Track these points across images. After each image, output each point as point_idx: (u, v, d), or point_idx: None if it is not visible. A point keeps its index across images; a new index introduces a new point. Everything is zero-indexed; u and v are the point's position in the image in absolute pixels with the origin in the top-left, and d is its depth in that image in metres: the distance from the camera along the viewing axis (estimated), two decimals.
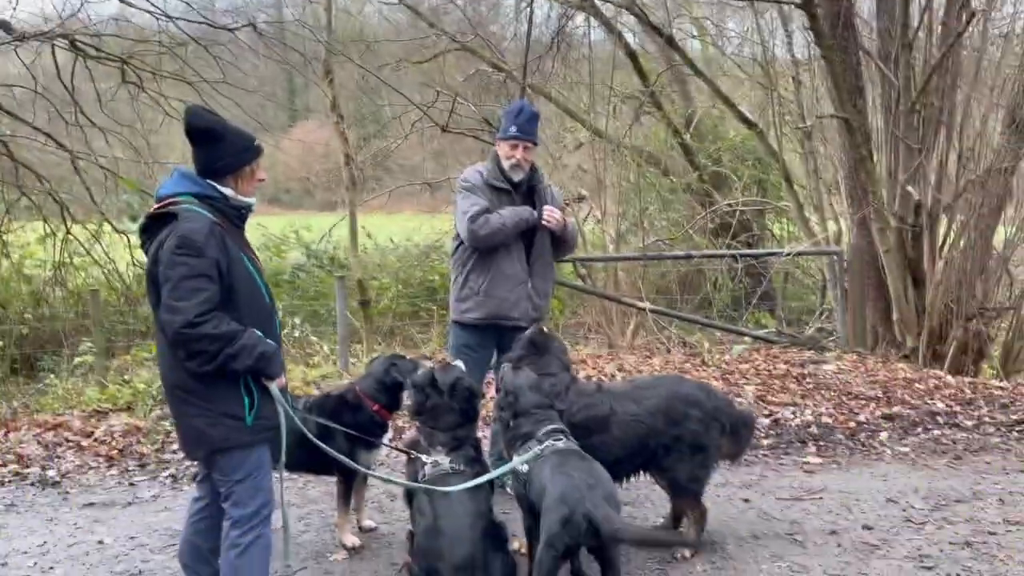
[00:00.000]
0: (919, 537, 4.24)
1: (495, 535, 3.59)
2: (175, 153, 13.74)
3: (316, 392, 6.22)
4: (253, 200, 3.28)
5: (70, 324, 10.47)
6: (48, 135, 10.37)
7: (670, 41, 11.01)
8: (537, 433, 3.66)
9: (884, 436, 6.08)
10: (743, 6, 12.67)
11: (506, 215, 4.58)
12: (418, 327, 11.20)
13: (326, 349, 9.20)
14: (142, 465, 5.91)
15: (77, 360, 8.70)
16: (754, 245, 12.78)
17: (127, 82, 10.49)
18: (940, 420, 6.43)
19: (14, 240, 11.15)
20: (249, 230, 3.42)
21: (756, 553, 4.09)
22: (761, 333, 9.58)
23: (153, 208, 3.13)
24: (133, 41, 10.70)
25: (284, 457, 3.22)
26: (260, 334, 3.09)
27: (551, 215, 4.61)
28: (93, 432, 6.47)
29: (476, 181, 4.73)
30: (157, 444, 6.20)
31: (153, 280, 3.06)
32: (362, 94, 15.24)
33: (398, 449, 4.11)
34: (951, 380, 7.50)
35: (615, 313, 9.75)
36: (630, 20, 12.13)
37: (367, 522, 4.56)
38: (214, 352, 2.96)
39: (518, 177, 4.68)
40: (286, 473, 3.47)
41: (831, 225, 10.92)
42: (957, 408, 6.70)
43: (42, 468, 5.86)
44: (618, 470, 4.02)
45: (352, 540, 4.29)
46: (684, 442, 4.04)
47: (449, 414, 3.83)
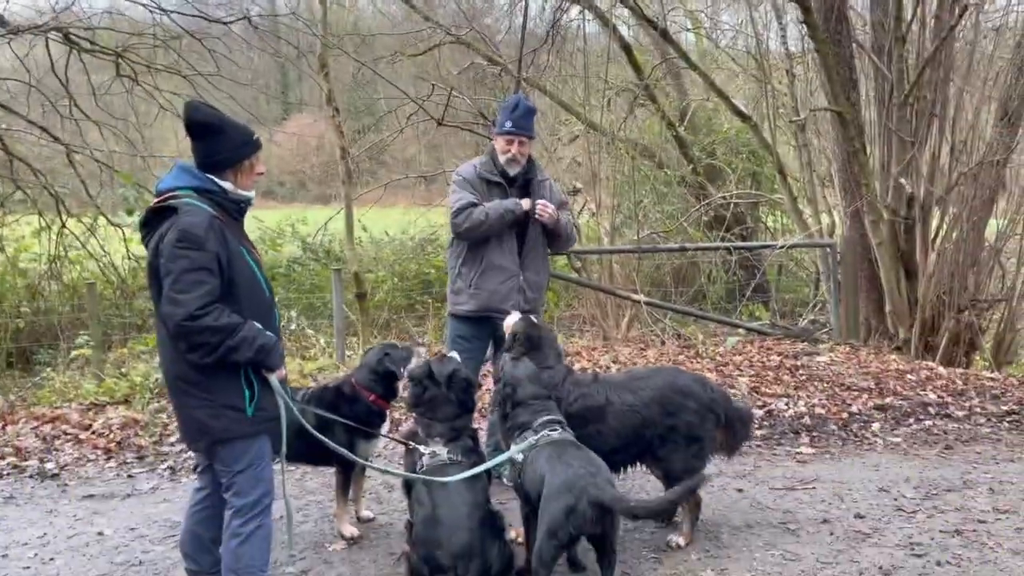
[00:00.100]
0: (910, 525, 4.31)
1: (492, 524, 3.63)
2: (169, 146, 13.75)
3: (313, 384, 6.25)
4: (252, 194, 3.32)
5: (66, 318, 10.47)
6: (43, 128, 10.35)
7: (664, 34, 11.04)
8: (533, 423, 3.70)
9: (876, 427, 6.14)
10: None
11: (489, 208, 4.60)
12: (414, 320, 11.24)
13: (322, 342, 9.22)
14: (140, 457, 5.94)
15: (74, 353, 8.71)
16: (748, 238, 12.85)
17: (121, 75, 10.47)
18: (932, 411, 6.50)
19: (9, 234, 11.13)
20: (246, 223, 3.45)
21: (749, 541, 4.14)
22: (755, 325, 9.64)
23: (153, 202, 3.16)
24: (127, 34, 10.67)
25: (285, 448, 3.25)
26: (260, 326, 3.12)
27: (543, 209, 4.63)
28: (91, 425, 6.51)
29: (468, 175, 4.76)
30: (155, 437, 6.23)
31: (154, 273, 3.09)
32: (357, 87, 15.23)
33: (396, 440, 4.15)
34: (943, 371, 7.57)
35: (610, 306, 9.79)
36: (624, 13, 12.16)
37: (365, 512, 4.60)
38: (215, 344, 2.99)
39: (514, 171, 4.72)
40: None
41: (824, 218, 10.96)
42: (948, 399, 6.77)
43: (40, 461, 5.88)
44: (614, 460, 4.06)
45: (351, 530, 4.33)
46: (679, 433, 4.08)
47: (446, 405, 3.88)
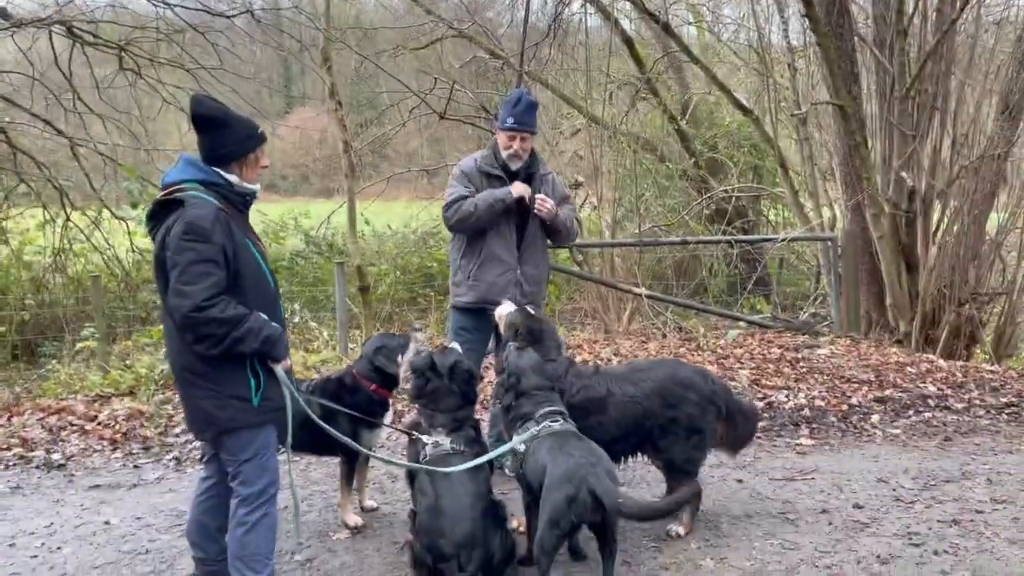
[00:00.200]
0: (908, 515, 4.35)
1: (494, 514, 3.67)
2: (172, 140, 13.79)
3: (316, 376, 6.30)
4: (257, 187, 3.36)
5: (70, 310, 10.51)
6: (47, 121, 10.39)
7: (666, 28, 11.04)
8: (535, 414, 3.74)
9: (876, 418, 6.19)
10: None
11: (479, 199, 4.62)
12: (416, 313, 11.28)
13: (325, 335, 9.26)
14: (146, 448, 6.00)
15: (79, 345, 8.76)
16: (749, 231, 12.88)
17: (124, 69, 10.49)
18: (931, 403, 6.54)
19: (13, 227, 11.19)
20: (250, 216, 3.49)
21: (749, 531, 4.19)
22: (756, 318, 9.68)
23: (160, 195, 3.19)
24: (130, 28, 10.68)
25: (291, 438, 3.29)
26: (265, 317, 3.16)
27: (542, 204, 4.64)
28: (97, 416, 6.56)
29: (466, 168, 4.80)
30: (160, 428, 6.29)
31: (161, 265, 3.12)
32: (359, 81, 15.24)
33: (400, 430, 4.20)
34: (943, 364, 7.60)
35: (611, 299, 9.82)
36: (626, 7, 12.17)
37: (369, 502, 4.65)
38: (221, 335, 3.03)
39: (516, 166, 4.74)
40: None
41: (826, 211, 10.98)
42: (948, 391, 6.81)
43: (47, 451, 5.94)
44: (615, 450, 4.10)
45: (355, 520, 4.38)
46: (680, 424, 4.12)
47: (449, 396, 3.92)
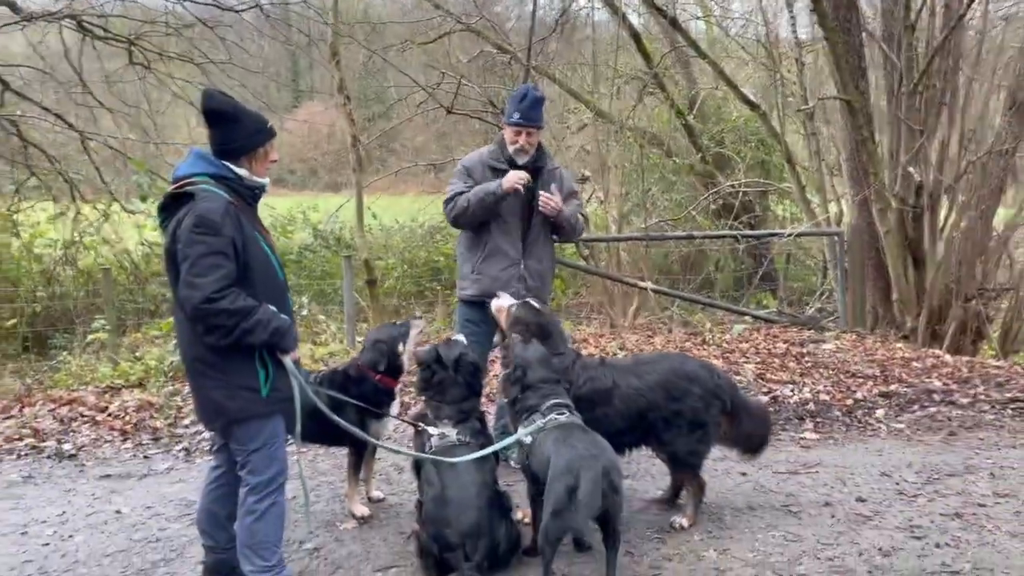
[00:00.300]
0: (911, 509, 4.37)
1: (499, 504, 3.73)
2: (181, 133, 13.86)
3: (324, 368, 6.35)
4: (266, 180, 3.40)
5: (81, 303, 10.61)
6: (57, 115, 10.47)
7: (673, 22, 11.04)
8: (542, 407, 3.77)
9: (880, 413, 6.20)
10: None
11: (471, 193, 4.64)
12: (423, 306, 11.33)
13: (333, 328, 9.32)
14: (156, 439, 6.07)
15: (90, 337, 8.84)
16: (756, 226, 12.86)
17: (134, 63, 10.57)
18: (936, 398, 6.54)
19: (24, 219, 11.27)
20: (258, 210, 3.53)
21: (752, 523, 4.22)
22: (762, 313, 9.69)
23: (171, 188, 3.24)
24: (140, 22, 10.76)
25: (299, 428, 3.34)
26: (274, 309, 3.21)
27: (547, 201, 4.64)
28: (107, 407, 6.64)
29: (469, 163, 4.83)
30: (170, 419, 6.36)
31: (172, 258, 3.17)
32: (367, 75, 15.28)
33: (406, 421, 4.24)
34: (949, 359, 7.60)
35: (617, 293, 9.86)
36: (634, 1, 12.17)
37: (375, 493, 4.70)
38: (231, 327, 3.08)
39: (522, 160, 4.76)
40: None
41: (833, 206, 10.99)
42: (953, 386, 6.81)
43: (58, 442, 6.02)
44: (620, 442, 4.13)
45: (361, 510, 4.43)
46: (684, 417, 4.15)
47: (454, 388, 3.97)
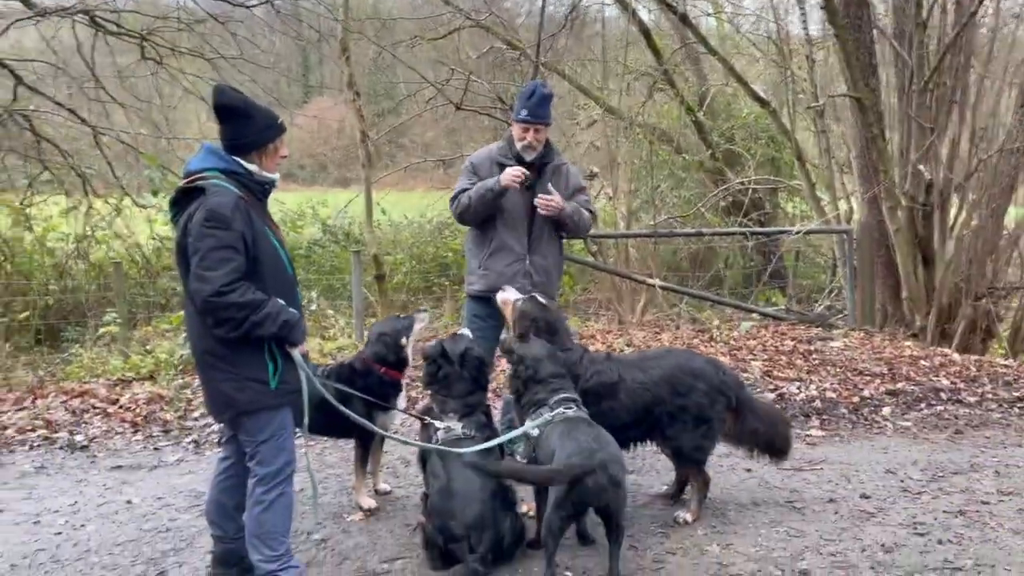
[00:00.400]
0: (914, 506, 4.38)
1: (504, 497, 3.77)
2: (192, 128, 13.95)
3: (331, 362, 6.41)
4: (276, 176, 3.44)
5: (92, 296, 10.70)
6: (70, 110, 10.56)
7: (684, 19, 11.02)
8: (549, 401, 3.81)
9: (887, 411, 6.20)
10: None
11: (472, 190, 4.69)
12: (432, 301, 11.38)
13: (342, 323, 9.38)
14: (166, 431, 6.14)
15: (101, 331, 8.93)
16: (766, 223, 12.84)
17: (146, 58, 10.64)
18: (943, 396, 6.54)
19: (37, 213, 11.37)
20: (268, 205, 3.57)
21: (755, 518, 4.24)
22: (770, 310, 9.69)
23: (182, 182, 3.29)
24: (152, 17, 10.82)
25: (308, 420, 3.38)
26: (283, 303, 3.25)
27: (547, 204, 4.64)
28: (118, 400, 6.72)
29: (476, 160, 4.87)
30: (180, 412, 6.43)
31: (183, 251, 3.22)
32: (377, 71, 15.32)
33: (412, 415, 4.28)
34: (957, 358, 7.59)
35: (625, 290, 9.87)
36: None
37: (382, 485, 4.74)
38: (240, 319, 3.12)
39: (530, 157, 4.78)
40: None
41: (842, 204, 10.96)
42: (961, 385, 6.80)
43: (70, 433, 6.10)
44: (626, 436, 4.18)
45: (368, 502, 4.47)
46: (688, 413, 4.17)
47: (460, 382, 4.01)
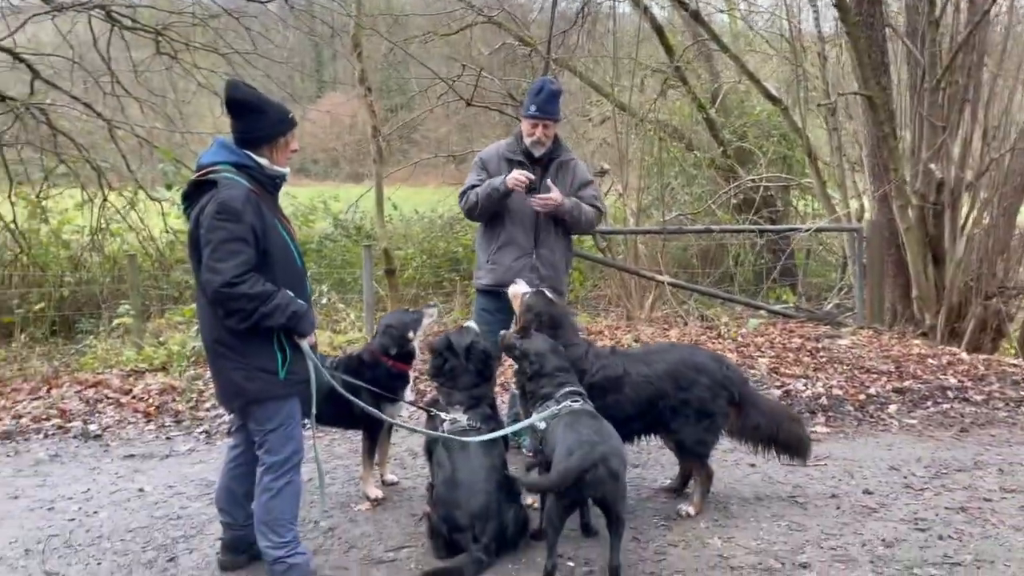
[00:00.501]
0: (916, 502, 4.41)
1: (509, 488, 3.83)
2: (206, 123, 14.06)
3: (340, 354, 6.47)
4: (287, 170, 3.50)
5: (107, 288, 10.82)
6: (86, 104, 10.67)
7: (695, 15, 11.01)
8: (556, 394, 3.86)
9: (893, 409, 6.21)
10: None
11: (479, 189, 4.76)
12: (442, 296, 11.45)
13: (352, 316, 9.46)
14: (178, 421, 6.23)
15: (115, 322, 9.04)
16: (777, 221, 12.82)
17: (161, 53, 10.74)
18: (950, 394, 6.53)
19: (53, 206, 11.50)
20: (279, 199, 3.64)
21: (758, 512, 4.28)
22: (778, 308, 9.69)
23: (194, 176, 3.35)
24: (167, 12, 10.93)
25: (315, 409, 3.45)
26: (292, 294, 3.31)
27: (544, 203, 4.68)
28: (131, 390, 6.83)
29: (485, 156, 4.94)
30: (191, 402, 6.52)
31: (195, 243, 3.29)
32: (389, 67, 15.39)
33: (419, 407, 4.34)
34: (965, 357, 7.57)
35: (634, 286, 9.90)
36: None
37: (390, 476, 4.81)
38: (250, 310, 3.19)
39: (538, 152, 4.84)
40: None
41: (853, 202, 10.94)
42: (968, 383, 6.79)
43: (84, 422, 6.20)
44: (631, 429, 4.25)
45: (376, 492, 4.54)
46: (691, 407, 4.22)
47: (465, 375, 4.09)
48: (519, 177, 4.62)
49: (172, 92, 12.57)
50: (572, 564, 3.71)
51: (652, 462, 5.09)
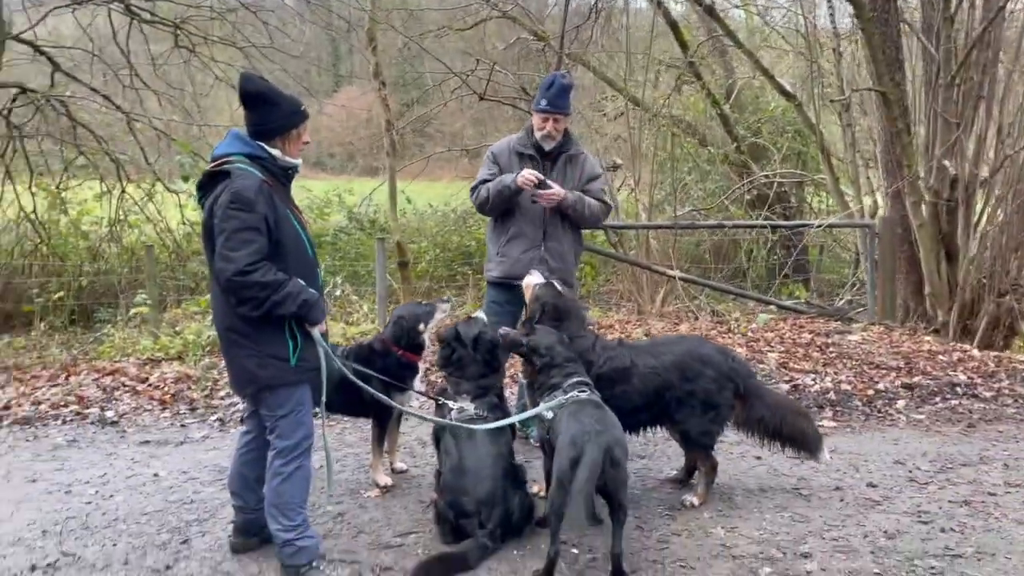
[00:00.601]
0: (920, 495, 4.44)
1: (515, 476, 3.90)
2: (223, 116, 14.19)
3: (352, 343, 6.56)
4: (299, 161, 3.57)
5: (125, 278, 10.98)
6: (105, 96, 10.81)
7: (710, 11, 11.01)
8: (563, 384, 3.91)
9: (901, 404, 6.23)
10: None
11: (490, 185, 4.83)
12: (454, 289, 11.52)
13: (365, 308, 9.55)
14: (192, 409, 6.34)
15: (132, 312, 9.18)
16: (791, 217, 12.78)
17: (179, 46, 10.87)
18: (959, 391, 6.54)
19: (72, 197, 11.67)
20: (294, 192, 3.72)
21: (761, 504, 4.32)
22: (789, 303, 9.69)
23: (209, 166, 3.43)
24: (185, 6, 11.04)
25: (325, 396, 3.52)
26: (303, 283, 3.38)
27: (548, 198, 4.73)
28: (147, 378, 6.95)
29: (497, 150, 5.00)
30: (206, 391, 6.63)
31: (208, 232, 3.36)
32: (404, 61, 15.46)
33: (427, 396, 4.41)
34: (976, 353, 7.56)
35: (646, 281, 9.92)
36: None
37: (399, 464, 4.89)
38: (262, 299, 3.26)
39: (549, 146, 4.89)
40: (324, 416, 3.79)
41: (867, 199, 10.91)
42: (978, 380, 6.79)
43: (101, 409, 6.32)
44: (637, 419, 4.30)
45: (385, 480, 4.62)
46: (697, 398, 4.27)
47: (473, 365, 4.15)
48: (528, 176, 4.69)
49: (190, 85, 12.71)
50: (576, 551, 3.77)
51: (658, 453, 5.15)
